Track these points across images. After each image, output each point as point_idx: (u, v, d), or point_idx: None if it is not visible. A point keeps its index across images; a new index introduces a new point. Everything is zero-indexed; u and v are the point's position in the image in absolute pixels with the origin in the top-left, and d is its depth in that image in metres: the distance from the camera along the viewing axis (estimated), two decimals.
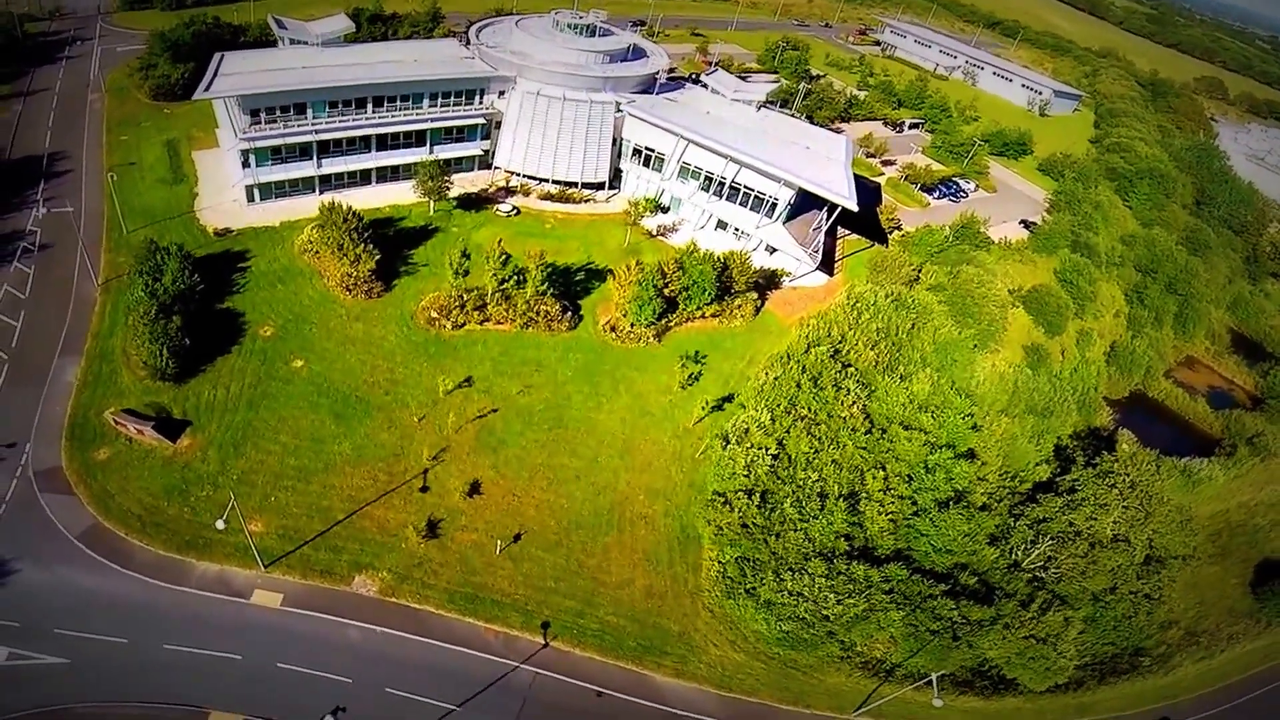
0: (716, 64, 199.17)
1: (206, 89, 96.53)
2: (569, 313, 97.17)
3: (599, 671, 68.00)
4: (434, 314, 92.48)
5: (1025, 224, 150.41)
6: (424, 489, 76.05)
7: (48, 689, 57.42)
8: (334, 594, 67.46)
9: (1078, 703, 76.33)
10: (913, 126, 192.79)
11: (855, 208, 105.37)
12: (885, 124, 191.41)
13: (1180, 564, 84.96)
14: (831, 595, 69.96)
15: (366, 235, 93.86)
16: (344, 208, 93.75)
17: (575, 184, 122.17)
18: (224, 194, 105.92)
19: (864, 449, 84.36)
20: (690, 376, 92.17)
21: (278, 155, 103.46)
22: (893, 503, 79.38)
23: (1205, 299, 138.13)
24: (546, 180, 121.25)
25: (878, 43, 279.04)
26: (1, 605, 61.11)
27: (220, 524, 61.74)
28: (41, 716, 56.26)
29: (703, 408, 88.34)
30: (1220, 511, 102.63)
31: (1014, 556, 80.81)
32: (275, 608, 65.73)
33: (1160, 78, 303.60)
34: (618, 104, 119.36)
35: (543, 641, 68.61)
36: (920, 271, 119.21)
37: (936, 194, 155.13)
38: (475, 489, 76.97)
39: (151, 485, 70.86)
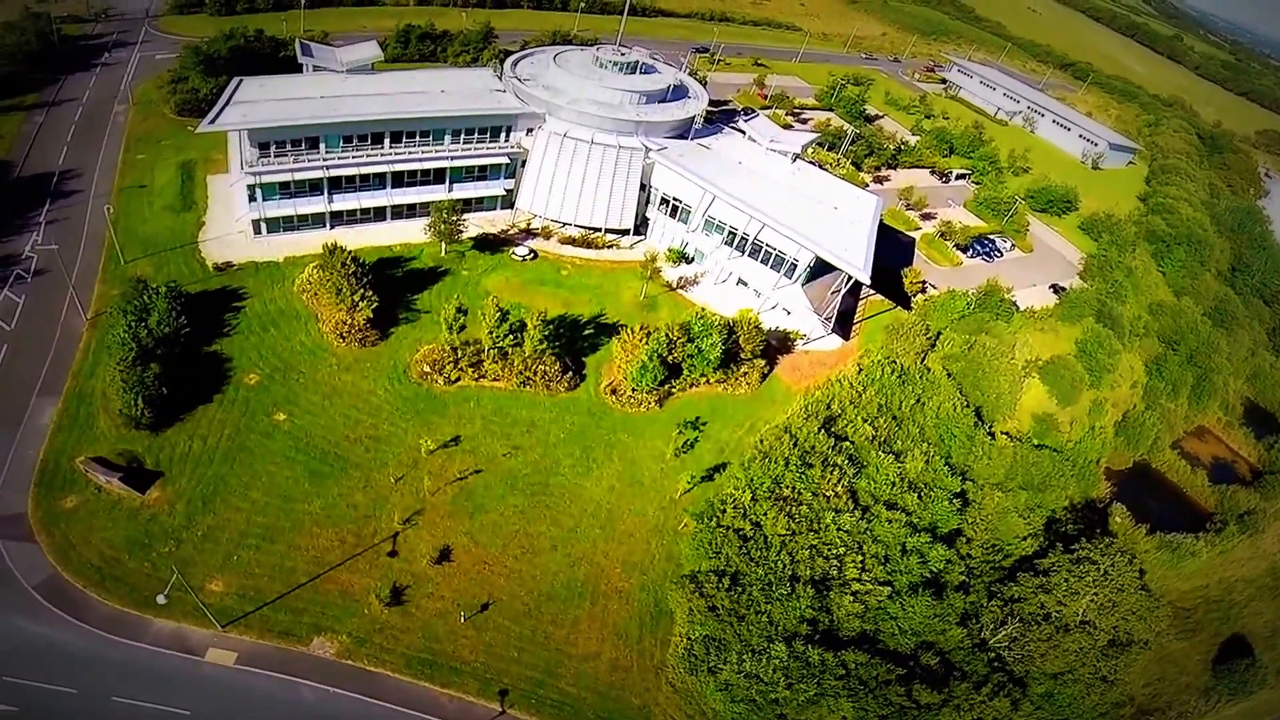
0: (770, 98, 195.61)
1: (213, 121, 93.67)
2: (569, 372, 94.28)
3: None
4: (427, 368, 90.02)
5: (1055, 289, 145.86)
6: (392, 553, 74.04)
7: None
8: (289, 654, 66.19)
9: None
10: (959, 177, 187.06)
11: (867, 279, 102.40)
12: (933, 172, 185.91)
13: (1141, 648, 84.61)
14: (782, 679, 68.59)
15: (366, 280, 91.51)
16: (343, 251, 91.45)
17: (599, 229, 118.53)
18: (231, 224, 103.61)
19: (844, 531, 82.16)
20: (686, 444, 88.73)
21: (287, 190, 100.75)
22: (867, 588, 78.09)
23: (1224, 372, 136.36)
24: (570, 224, 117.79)
25: (943, 81, 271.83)
26: None
27: (161, 599, 60.82)
28: None
29: (689, 480, 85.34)
30: (1200, 587, 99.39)
31: (982, 635, 80.00)
32: (229, 665, 64.60)
33: (1221, 130, 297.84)
34: (647, 149, 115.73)
35: (499, 709, 66.82)
36: (937, 339, 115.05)
37: (970, 252, 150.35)
38: (445, 555, 74.94)
39: (114, 537, 69.48)
